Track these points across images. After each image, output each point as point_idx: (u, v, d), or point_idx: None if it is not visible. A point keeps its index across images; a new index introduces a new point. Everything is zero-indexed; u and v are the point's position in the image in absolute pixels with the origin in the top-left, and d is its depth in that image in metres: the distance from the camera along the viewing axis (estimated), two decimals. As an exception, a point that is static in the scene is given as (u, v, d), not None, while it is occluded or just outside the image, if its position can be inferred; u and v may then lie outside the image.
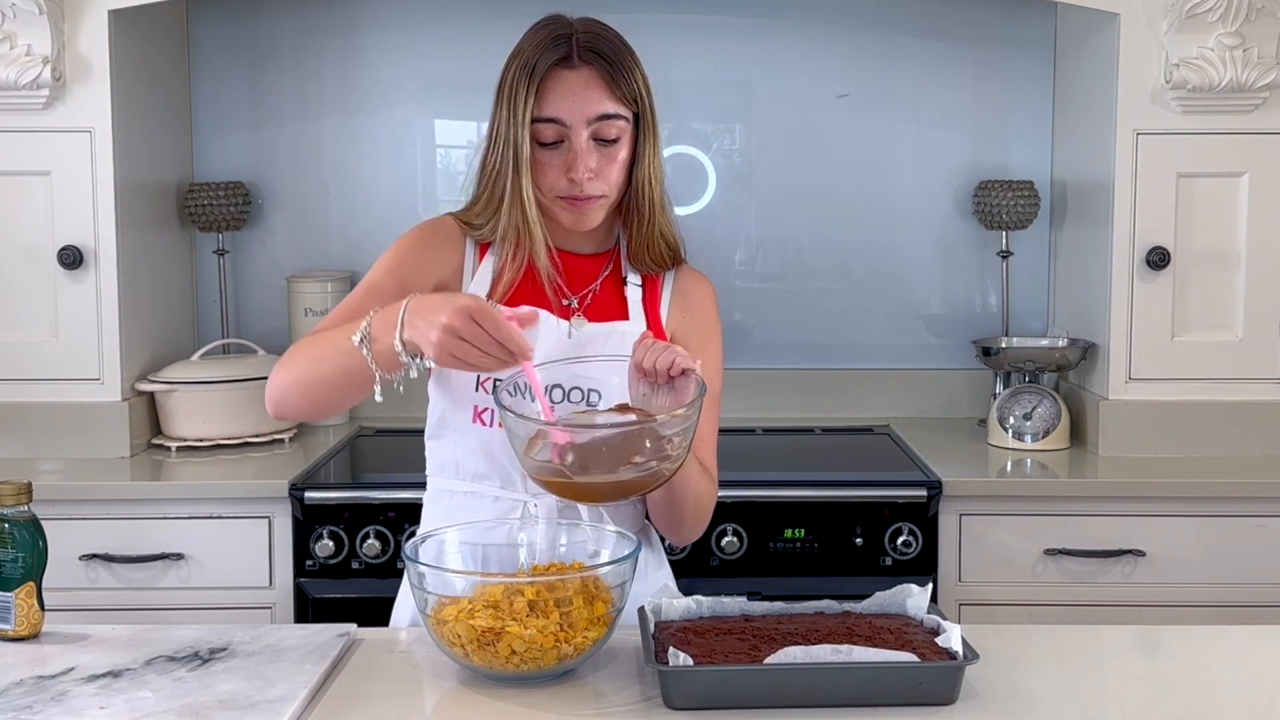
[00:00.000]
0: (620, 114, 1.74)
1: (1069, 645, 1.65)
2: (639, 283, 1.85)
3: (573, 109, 1.72)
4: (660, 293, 1.86)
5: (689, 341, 1.83)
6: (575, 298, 1.83)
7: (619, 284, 1.85)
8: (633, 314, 1.83)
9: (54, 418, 2.84)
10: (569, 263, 1.84)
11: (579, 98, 1.72)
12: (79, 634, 1.65)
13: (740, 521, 2.62)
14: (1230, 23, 2.75)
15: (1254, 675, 1.58)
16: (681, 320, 1.86)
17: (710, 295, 1.90)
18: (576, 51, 1.73)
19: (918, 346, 3.34)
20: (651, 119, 1.78)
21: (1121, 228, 2.84)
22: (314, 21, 3.26)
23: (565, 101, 1.72)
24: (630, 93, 1.74)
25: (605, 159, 1.74)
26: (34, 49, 2.74)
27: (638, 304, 1.84)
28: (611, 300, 1.84)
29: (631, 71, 1.75)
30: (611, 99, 1.73)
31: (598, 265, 1.85)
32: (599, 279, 1.84)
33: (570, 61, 1.72)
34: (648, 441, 1.54)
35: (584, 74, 1.72)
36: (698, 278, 1.91)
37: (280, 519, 2.63)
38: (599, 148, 1.74)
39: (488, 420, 1.76)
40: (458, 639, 1.47)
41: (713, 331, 1.88)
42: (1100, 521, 2.66)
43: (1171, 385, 2.87)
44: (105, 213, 2.81)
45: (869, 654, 1.44)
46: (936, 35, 3.27)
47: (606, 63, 1.73)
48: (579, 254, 1.85)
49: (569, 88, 1.72)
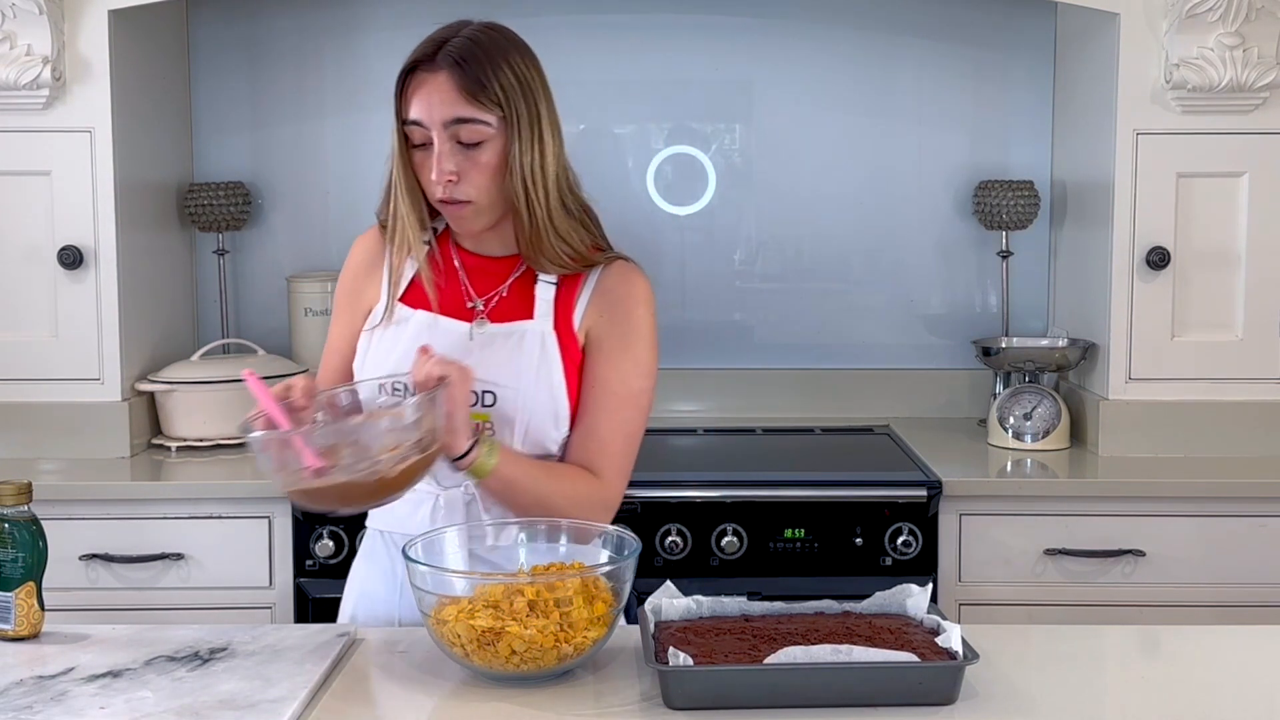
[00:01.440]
0: (478, 118, 1.73)
1: (1069, 645, 1.65)
2: (554, 281, 1.83)
3: (429, 112, 1.74)
4: (579, 291, 1.84)
5: (603, 341, 1.82)
6: (481, 300, 1.84)
7: (530, 283, 1.84)
8: (539, 313, 1.82)
9: (54, 418, 2.84)
10: (478, 265, 1.86)
11: (433, 100, 1.73)
12: (79, 634, 1.65)
13: (740, 521, 2.62)
14: (1230, 23, 2.75)
15: (1254, 675, 1.58)
16: (597, 320, 1.83)
17: (636, 293, 1.84)
18: (437, 55, 1.74)
19: (918, 346, 3.34)
20: (528, 121, 1.75)
21: (1121, 228, 2.84)
22: (314, 21, 3.26)
23: (422, 104, 1.74)
24: (492, 96, 1.73)
25: (468, 163, 1.75)
26: (34, 49, 2.74)
27: (547, 303, 1.82)
28: (519, 300, 1.83)
29: (494, 75, 1.73)
30: (467, 103, 1.73)
31: (507, 267, 1.85)
32: (508, 280, 1.85)
33: (430, 65, 1.74)
34: (346, 449, 1.56)
35: (440, 78, 1.74)
36: (627, 276, 1.85)
37: (280, 519, 2.63)
38: (462, 150, 1.75)
39: None
40: (458, 639, 1.47)
41: (634, 332, 1.83)
42: (1100, 521, 2.66)
43: (1171, 385, 2.87)
44: (105, 213, 2.81)
45: (869, 654, 1.44)
46: (936, 35, 3.27)
47: (463, 67, 1.73)
48: (489, 256, 1.86)
49: (426, 90, 1.74)
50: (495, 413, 1.78)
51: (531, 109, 1.76)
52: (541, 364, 1.79)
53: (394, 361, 1.80)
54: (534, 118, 1.76)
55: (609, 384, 1.81)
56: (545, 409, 1.79)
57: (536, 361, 1.79)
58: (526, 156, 1.75)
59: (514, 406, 1.78)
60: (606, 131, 3.32)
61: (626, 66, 3.30)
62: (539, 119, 1.76)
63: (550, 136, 1.78)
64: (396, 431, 1.57)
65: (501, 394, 1.78)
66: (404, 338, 1.82)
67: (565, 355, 1.81)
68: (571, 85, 3.59)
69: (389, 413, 1.61)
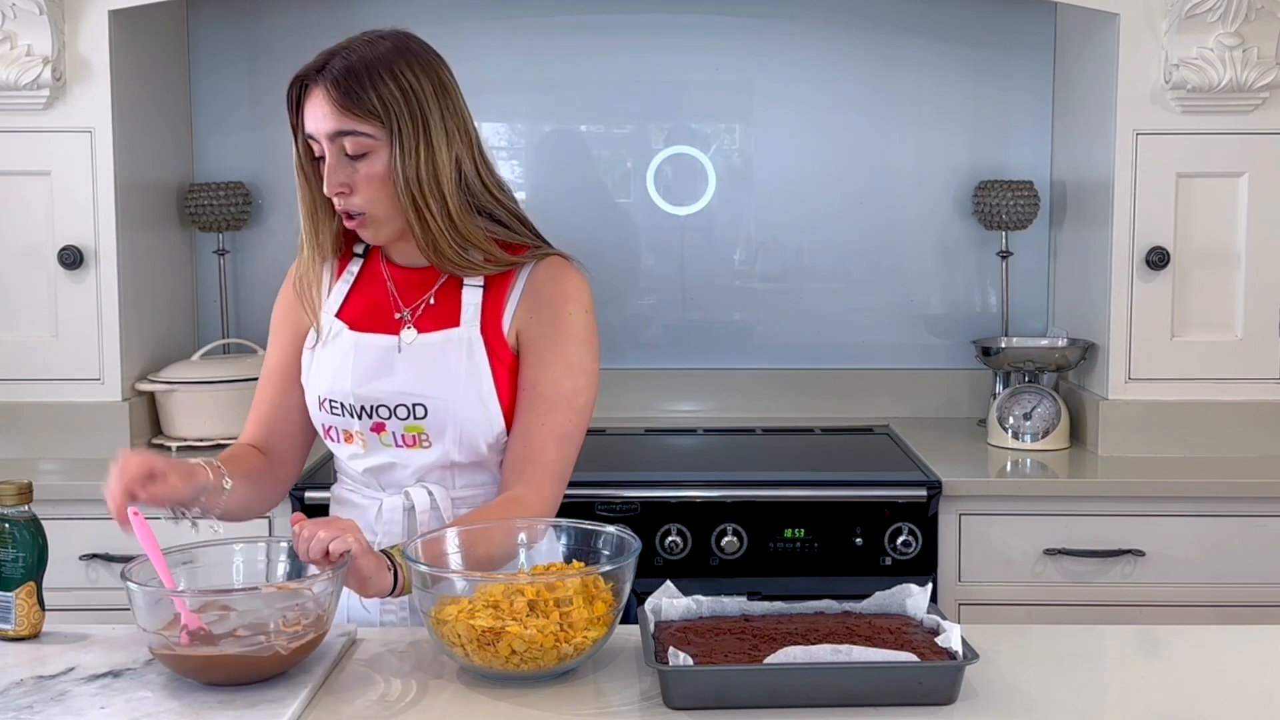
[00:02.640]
0: (356, 130, 1.74)
1: (1069, 645, 1.65)
2: (479, 284, 1.82)
3: (315, 125, 1.77)
4: (508, 291, 1.83)
5: (533, 343, 1.81)
6: (408, 310, 1.84)
7: (456, 289, 1.83)
8: (465, 319, 1.81)
9: (54, 418, 2.84)
10: (405, 276, 1.87)
11: (316, 115, 1.76)
12: (79, 634, 1.65)
13: (740, 521, 2.62)
14: (1230, 23, 2.75)
15: (1254, 675, 1.58)
16: (527, 321, 1.81)
17: (567, 290, 1.82)
18: (323, 69, 1.76)
19: (918, 346, 3.34)
20: (413, 130, 1.74)
21: (1121, 228, 2.84)
22: (314, 21, 3.26)
23: (309, 118, 1.78)
24: (368, 107, 1.73)
25: (357, 175, 1.76)
26: (34, 49, 2.74)
27: (474, 307, 1.81)
28: (446, 308, 1.83)
29: (371, 86, 1.73)
30: (344, 116, 1.74)
31: (432, 276, 1.85)
32: (433, 289, 1.84)
33: (313, 79, 1.77)
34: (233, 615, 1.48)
35: (319, 92, 1.76)
36: (558, 273, 1.83)
37: (280, 519, 2.62)
38: (351, 162, 1.76)
39: (334, 436, 1.86)
40: (458, 639, 1.47)
41: (564, 330, 1.80)
42: (1100, 521, 2.66)
43: (1171, 385, 2.87)
44: (105, 213, 2.81)
45: (869, 654, 1.45)
46: (936, 35, 3.27)
47: (338, 80, 1.74)
48: (411, 267, 1.87)
49: (311, 105, 1.77)
50: (427, 424, 1.79)
51: (416, 117, 1.74)
52: (469, 371, 1.78)
53: (329, 380, 1.83)
54: (419, 126, 1.74)
55: (539, 387, 1.79)
56: (477, 416, 1.78)
57: (464, 369, 1.78)
58: (411, 166, 1.74)
59: (445, 416, 1.78)
60: (606, 131, 3.32)
61: (626, 66, 3.30)
62: (426, 128, 1.75)
63: (444, 144, 1.76)
64: (293, 607, 1.49)
65: (431, 405, 1.78)
66: (336, 354, 1.84)
67: (494, 359, 1.80)
68: (571, 85, 3.61)
69: (292, 586, 1.52)
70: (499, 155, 3.36)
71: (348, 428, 1.83)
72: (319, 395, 1.84)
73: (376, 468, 1.84)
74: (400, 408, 1.79)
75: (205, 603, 1.50)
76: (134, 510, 1.60)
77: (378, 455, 1.83)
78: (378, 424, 1.80)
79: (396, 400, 1.79)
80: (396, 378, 1.79)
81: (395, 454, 1.82)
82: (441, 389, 1.78)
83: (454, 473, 1.82)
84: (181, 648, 1.45)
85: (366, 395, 1.80)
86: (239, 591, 1.57)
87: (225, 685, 1.47)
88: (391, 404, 1.79)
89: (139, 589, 1.47)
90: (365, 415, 1.81)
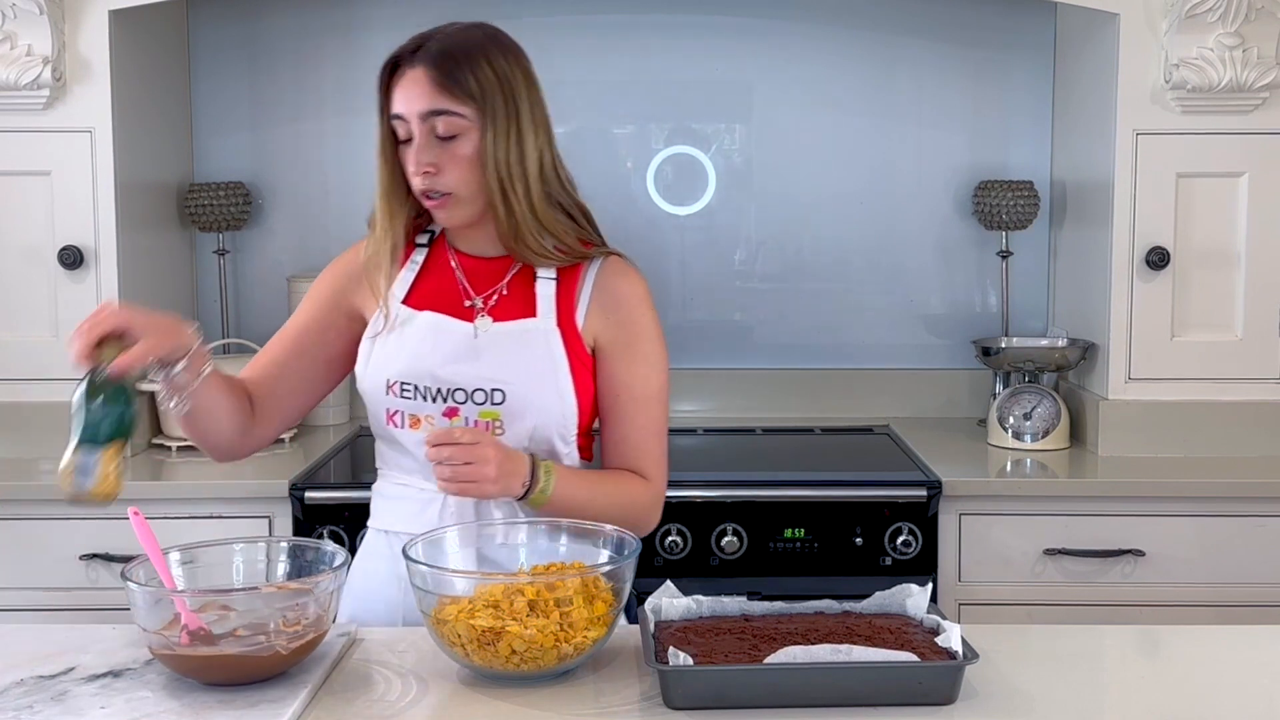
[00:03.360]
0: (453, 110, 1.76)
1: (1069, 645, 1.65)
2: (552, 277, 1.85)
3: (407, 105, 1.78)
4: (578, 287, 1.86)
5: (614, 345, 1.85)
6: (479, 298, 1.85)
7: (529, 281, 1.86)
8: (541, 310, 1.83)
9: (54, 418, 2.82)
10: (473, 265, 1.88)
11: (410, 94, 1.78)
12: (79, 634, 1.65)
13: (740, 521, 2.62)
14: (1230, 23, 2.75)
15: (1254, 675, 1.58)
16: (605, 323, 1.85)
17: (638, 292, 1.88)
18: (418, 51, 1.79)
19: (918, 346, 3.34)
20: (505, 116, 1.78)
21: (1121, 228, 2.84)
22: (314, 21, 3.26)
23: (401, 98, 1.79)
24: (467, 90, 1.76)
25: (446, 155, 1.78)
26: (34, 49, 2.74)
27: (549, 299, 1.84)
28: (520, 298, 1.85)
29: (470, 70, 1.77)
30: (441, 96, 1.76)
31: (503, 266, 1.87)
32: (505, 279, 1.86)
33: (410, 60, 1.79)
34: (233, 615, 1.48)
35: (415, 73, 1.78)
36: (624, 274, 1.88)
37: (281, 519, 2.63)
38: (440, 143, 1.78)
39: (399, 422, 1.84)
40: (458, 639, 1.47)
41: (644, 332, 1.87)
42: (1100, 521, 2.66)
43: (1171, 385, 2.87)
44: (105, 213, 2.81)
45: (869, 654, 1.45)
46: (936, 35, 3.27)
47: (437, 61, 1.77)
48: (483, 256, 1.88)
49: (404, 85, 1.79)
50: (504, 410, 1.79)
51: (509, 105, 1.78)
52: (547, 362, 1.81)
53: (401, 363, 1.82)
54: (511, 113, 1.78)
55: (631, 389, 1.85)
56: (552, 406, 1.81)
57: (542, 359, 1.81)
58: (502, 150, 1.78)
59: (522, 404, 1.79)
60: (606, 131, 3.32)
61: (626, 66, 3.30)
62: (517, 115, 1.79)
63: (531, 133, 1.80)
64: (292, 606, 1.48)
65: (510, 391, 1.79)
66: (410, 337, 1.83)
67: (570, 353, 1.82)
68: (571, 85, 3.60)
69: (292, 586, 1.53)
70: (499, 155, 3.36)
71: (418, 412, 1.82)
72: (388, 379, 1.83)
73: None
74: (479, 392, 1.79)
75: (205, 603, 1.50)
76: (134, 510, 1.59)
77: None
78: (452, 408, 1.80)
79: (476, 384, 1.79)
80: (478, 362, 1.80)
81: None
82: (521, 377, 1.80)
83: None
84: (181, 648, 1.45)
85: (447, 378, 1.80)
86: (239, 591, 1.57)
87: (225, 685, 1.47)
88: (470, 388, 1.79)
89: (139, 589, 1.47)
90: (441, 399, 1.80)
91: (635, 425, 1.86)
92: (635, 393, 1.85)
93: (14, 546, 2.64)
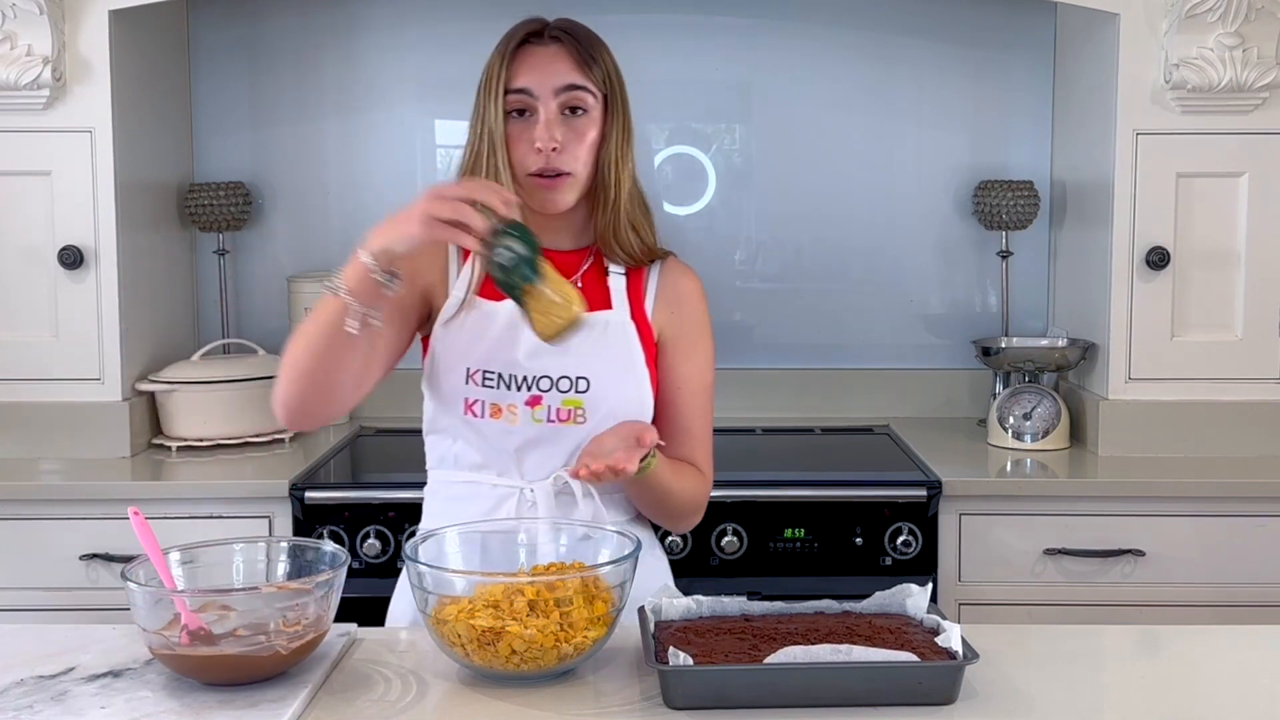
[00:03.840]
0: (588, 87, 1.80)
1: (1069, 645, 1.65)
2: (622, 273, 1.88)
3: (541, 79, 1.79)
4: (645, 284, 1.90)
5: (679, 339, 1.89)
6: None
7: (601, 275, 1.88)
8: (616, 303, 1.86)
9: (54, 418, 2.84)
10: (550, 258, 1.85)
11: (547, 69, 1.79)
12: (79, 634, 1.65)
13: (740, 521, 2.62)
14: (1230, 23, 2.75)
15: (1254, 675, 1.58)
16: (670, 317, 1.89)
17: (698, 289, 1.93)
18: (547, 29, 1.83)
19: (918, 346, 3.34)
20: (621, 106, 1.84)
21: (1121, 228, 2.84)
22: (314, 21, 3.26)
23: (534, 72, 1.79)
24: (600, 73, 1.81)
25: (573, 133, 1.79)
26: (34, 49, 2.74)
27: (621, 293, 1.87)
28: (595, 291, 1.86)
29: (601, 56, 1.83)
30: (578, 72, 1.80)
31: (578, 259, 1.88)
32: (579, 271, 1.87)
33: (540, 38, 1.82)
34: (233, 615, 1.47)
35: (553, 49, 1.81)
36: (685, 271, 1.94)
37: (280, 519, 2.63)
38: (567, 120, 1.79)
39: (479, 412, 1.81)
40: (458, 639, 1.47)
41: (702, 327, 1.92)
42: (1100, 521, 2.66)
43: (1171, 385, 2.87)
44: (105, 213, 2.81)
45: (869, 654, 1.44)
46: (936, 35, 3.27)
47: (576, 40, 1.82)
48: (559, 250, 1.88)
49: (537, 60, 1.80)
50: (586, 399, 1.81)
51: (625, 99, 1.85)
52: (626, 352, 1.84)
53: (483, 351, 1.81)
54: (625, 106, 1.85)
55: (691, 381, 1.90)
56: (631, 396, 1.83)
57: (621, 350, 1.84)
58: (619, 138, 1.83)
59: (605, 393, 1.81)
60: (606, 131, 3.31)
61: (627, 66, 3.27)
62: (626, 109, 1.86)
63: (632, 128, 1.86)
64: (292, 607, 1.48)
65: (595, 379, 1.81)
66: (494, 326, 1.81)
67: (644, 345, 1.86)
68: (571, 85, 3.55)
69: (292, 586, 1.52)
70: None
71: (499, 401, 1.81)
72: (468, 367, 1.81)
73: (523, 444, 1.81)
74: (564, 380, 1.80)
75: (205, 603, 1.50)
76: (134, 510, 1.59)
77: (527, 430, 1.81)
78: (535, 397, 1.80)
79: (561, 372, 1.80)
80: (565, 351, 1.79)
81: (546, 429, 1.81)
82: (603, 367, 1.82)
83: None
84: (181, 648, 1.45)
85: (533, 366, 1.80)
86: (239, 591, 1.57)
87: (225, 685, 1.47)
88: (555, 375, 1.80)
89: (139, 589, 1.47)
90: (525, 387, 1.80)
91: (695, 417, 1.90)
92: (694, 385, 1.90)
93: (14, 546, 2.64)
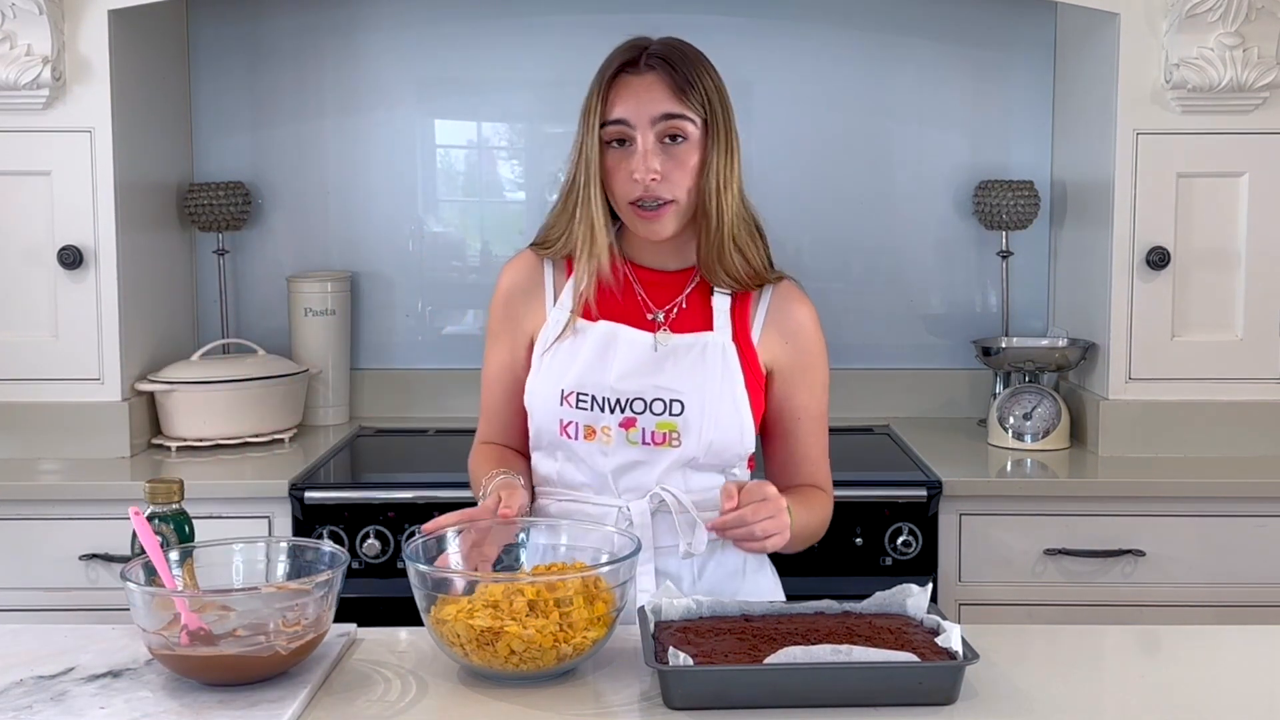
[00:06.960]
0: (685, 115, 1.78)
1: (1069, 645, 1.65)
2: (727, 293, 1.87)
3: (636, 109, 1.78)
4: (753, 308, 1.88)
5: (794, 370, 1.88)
6: (660, 311, 1.86)
7: (705, 296, 1.87)
8: (718, 325, 1.85)
9: (54, 418, 2.84)
10: (654, 278, 1.88)
11: (642, 99, 1.78)
12: (79, 634, 1.65)
13: (740, 521, 2.62)
14: (1230, 23, 2.75)
15: (1254, 675, 1.58)
16: (783, 348, 1.88)
17: (812, 317, 1.92)
18: (643, 58, 1.81)
19: (918, 346, 3.34)
20: (724, 128, 1.82)
21: (1121, 228, 2.84)
22: (314, 21, 3.26)
23: (630, 103, 1.78)
24: (698, 98, 1.79)
25: (672, 161, 1.78)
26: (34, 49, 2.74)
27: (725, 314, 1.86)
28: (697, 313, 1.86)
29: (700, 78, 1.81)
30: (675, 100, 1.78)
31: (682, 280, 1.88)
32: (684, 293, 1.87)
33: (636, 67, 1.81)
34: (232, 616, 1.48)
35: (648, 78, 1.80)
36: (799, 299, 1.92)
37: (280, 519, 2.63)
38: (665, 149, 1.78)
39: (573, 433, 1.83)
40: (457, 639, 1.47)
41: (818, 356, 1.91)
42: (1100, 521, 2.66)
43: (1171, 385, 2.87)
44: (105, 213, 2.81)
45: (869, 654, 1.45)
46: (936, 35, 3.27)
47: (671, 67, 1.79)
48: (664, 270, 1.89)
49: (633, 90, 1.79)
50: (681, 422, 1.80)
51: (728, 117, 1.83)
52: (724, 375, 1.83)
53: (576, 373, 1.82)
54: (728, 127, 1.82)
55: (809, 410, 1.91)
56: (730, 419, 1.82)
57: (719, 372, 1.82)
58: (721, 162, 1.80)
59: (700, 415, 1.80)
60: (606, 131, 3.31)
61: (626, 66, 3.29)
62: (732, 129, 1.83)
63: (737, 148, 1.83)
64: (291, 607, 1.48)
65: (689, 402, 1.80)
66: (586, 348, 1.83)
67: (746, 368, 1.85)
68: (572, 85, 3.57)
69: (292, 586, 1.52)
70: (499, 155, 3.36)
71: (594, 423, 1.81)
72: (563, 389, 1.82)
73: (619, 467, 1.82)
74: (657, 402, 1.80)
75: (205, 603, 1.50)
76: (134, 510, 1.59)
77: (623, 453, 1.81)
78: (629, 419, 1.81)
79: (655, 394, 1.80)
80: (659, 373, 1.80)
81: (641, 451, 1.81)
82: (699, 388, 1.81)
83: (688, 474, 1.83)
84: (181, 648, 1.45)
85: (626, 389, 1.80)
86: (239, 591, 1.57)
87: (225, 685, 1.47)
88: (649, 398, 1.80)
89: (139, 589, 1.47)
90: (619, 409, 1.80)
91: (815, 443, 1.92)
92: (813, 413, 1.91)
93: (14, 546, 2.64)
